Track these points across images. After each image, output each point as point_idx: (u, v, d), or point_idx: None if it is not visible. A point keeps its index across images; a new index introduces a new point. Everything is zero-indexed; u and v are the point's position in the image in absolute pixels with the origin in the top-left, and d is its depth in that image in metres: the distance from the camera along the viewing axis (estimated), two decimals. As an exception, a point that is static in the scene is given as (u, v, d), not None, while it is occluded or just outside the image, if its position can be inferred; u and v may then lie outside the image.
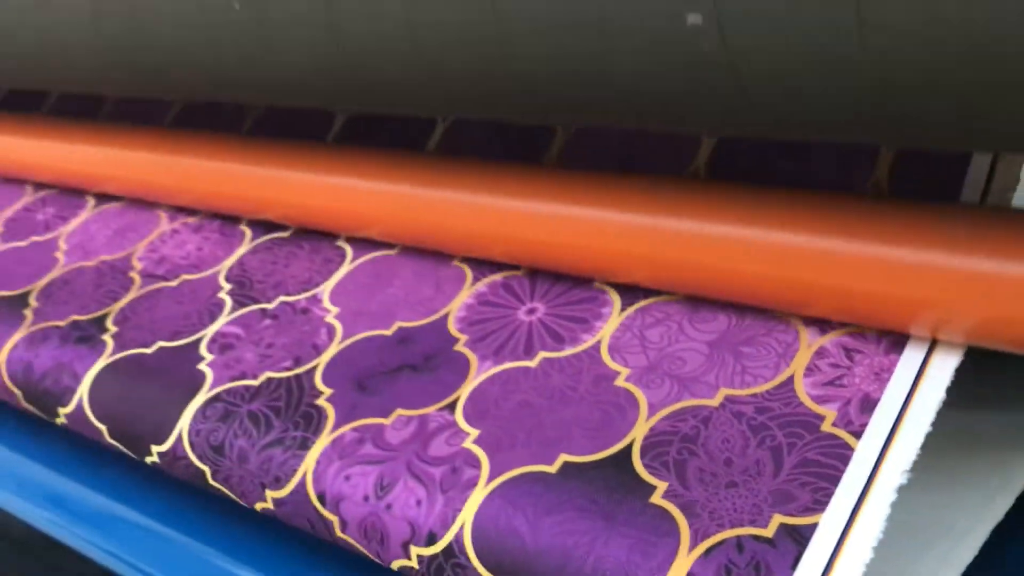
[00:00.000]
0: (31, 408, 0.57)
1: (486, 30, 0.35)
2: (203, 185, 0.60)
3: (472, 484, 0.40)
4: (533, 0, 0.33)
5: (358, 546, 0.42)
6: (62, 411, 0.54)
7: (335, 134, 0.64)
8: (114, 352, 0.55)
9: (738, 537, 0.35)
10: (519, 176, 0.46)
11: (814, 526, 0.35)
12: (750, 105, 0.30)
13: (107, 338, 0.56)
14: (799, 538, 0.35)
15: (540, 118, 0.42)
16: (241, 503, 0.47)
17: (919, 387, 0.38)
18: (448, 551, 0.39)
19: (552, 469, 0.40)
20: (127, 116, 0.74)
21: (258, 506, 0.46)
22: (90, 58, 0.54)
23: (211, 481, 0.48)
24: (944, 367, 0.38)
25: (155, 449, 0.50)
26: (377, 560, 0.42)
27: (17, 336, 0.58)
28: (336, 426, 0.45)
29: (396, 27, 0.36)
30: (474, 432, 0.43)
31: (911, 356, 0.39)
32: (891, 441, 0.37)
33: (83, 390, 0.53)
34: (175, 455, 0.49)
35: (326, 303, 0.54)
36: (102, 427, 0.52)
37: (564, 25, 0.31)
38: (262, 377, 0.50)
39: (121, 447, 0.52)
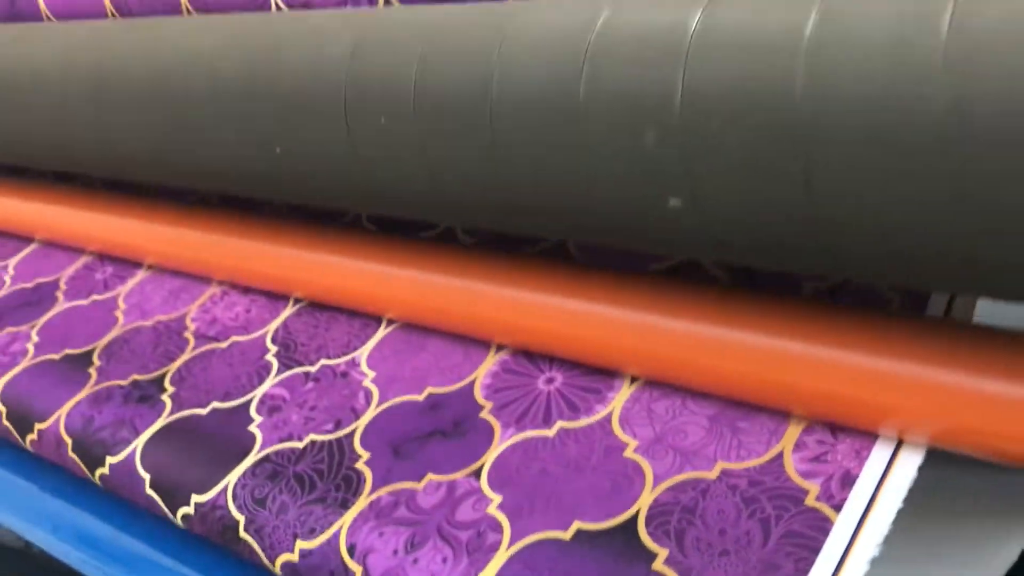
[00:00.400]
0: (74, 457, 0.62)
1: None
2: (252, 264, 0.66)
3: (495, 548, 0.45)
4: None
5: None
6: (109, 460, 0.59)
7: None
8: (172, 412, 0.60)
9: (728, 603, 0.40)
10: (539, 270, 0.51)
11: (795, 594, 0.39)
12: (719, 248, 0.35)
13: (165, 398, 0.61)
14: (782, 605, 0.39)
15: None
16: (262, 556, 0.52)
17: (894, 465, 0.43)
18: None
19: (567, 536, 0.45)
20: (171, 194, 0.79)
21: (281, 559, 0.51)
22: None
23: (242, 532, 0.52)
24: (918, 449, 0.42)
25: (195, 499, 0.55)
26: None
27: (83, 394, 0.64)
28: (373, 489, 0.50)
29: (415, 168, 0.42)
30: (497, 498, 0.48)
31: (888, 437, 0.43)
32: (867, 515, 0.41)
33: (138, 443, 0.59)
34: (214, 505, 0.54)
35: (364, 367, 0.59)
36: (146, 476, 0.57)
37: (561, 204, 0.37)
38: (307, 439, 0.55)
39: (156, 497, 0.57)
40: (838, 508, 0.42)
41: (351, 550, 0.48)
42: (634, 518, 0.45)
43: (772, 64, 0.34)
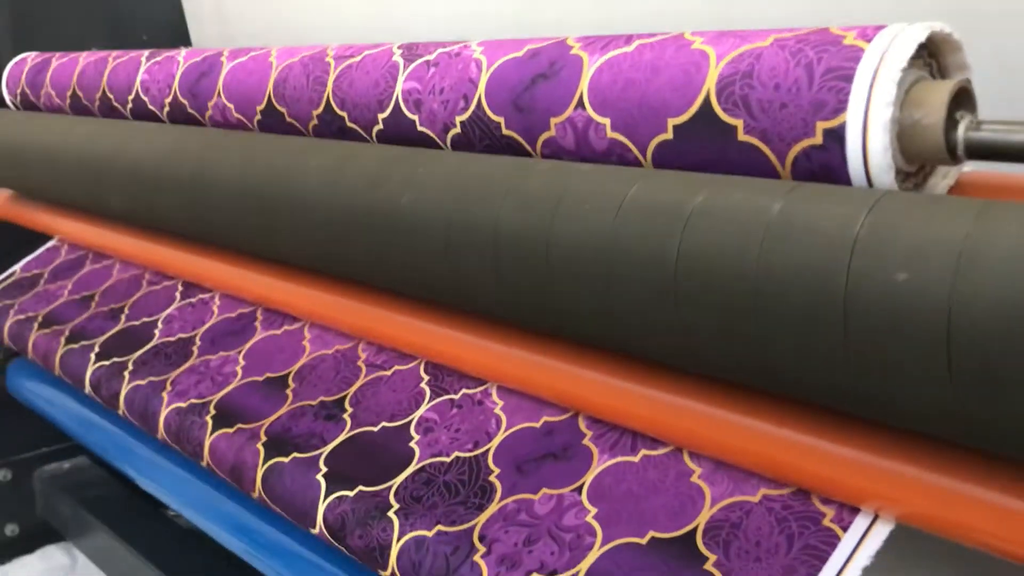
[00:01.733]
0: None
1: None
2: (394, 331, 0.83)
3: (589, 547, 0.61)
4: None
5: (485, 570, 0.64)
6: (296, 455, 0.78)
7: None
8: (351, 428, 0.79)
9: (755, 597, 0.55)
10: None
11: (804, 593, 0.54)
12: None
13: (346, 417, 0.80)
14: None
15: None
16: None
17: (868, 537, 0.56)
18: None
19: (643, 541, 0.61)
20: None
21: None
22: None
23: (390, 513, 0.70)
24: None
25: (362, 489, 0.72)
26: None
27: (282, 411, 0.83)
28: (502, 498, 0.67)
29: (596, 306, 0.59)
30: (593, 510, 0.64)
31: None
32: (865, 536, 0.55)
33: (325, 450, 0.77)
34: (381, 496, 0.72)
35: (495, 397, 0.76)
36: (324, 468, 0.76)
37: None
38: (452, 455, 0.72)
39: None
40: (845, 528, 0.56)
41: (482, 539, 0.65)
42: (694, 530, 0.60)
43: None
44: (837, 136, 0.54)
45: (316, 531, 0.74)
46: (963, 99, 0.54)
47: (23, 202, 1.46)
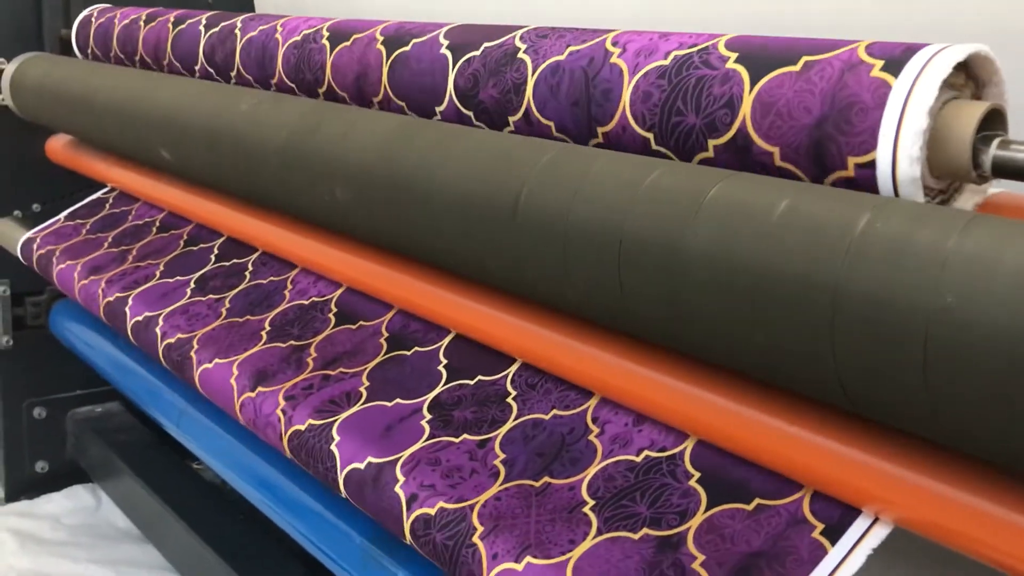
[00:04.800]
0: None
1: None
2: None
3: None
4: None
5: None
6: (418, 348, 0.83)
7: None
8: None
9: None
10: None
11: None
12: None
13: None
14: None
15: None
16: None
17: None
18: None
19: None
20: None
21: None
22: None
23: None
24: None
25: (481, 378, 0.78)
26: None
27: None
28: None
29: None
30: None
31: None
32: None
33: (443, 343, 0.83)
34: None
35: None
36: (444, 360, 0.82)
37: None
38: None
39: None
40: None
41: (595, 420, 0.70)
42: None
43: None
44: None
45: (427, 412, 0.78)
46: (995, 120, 0.55)
47: (82, 148, 1.51)
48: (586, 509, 0.65)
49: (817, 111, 0.58)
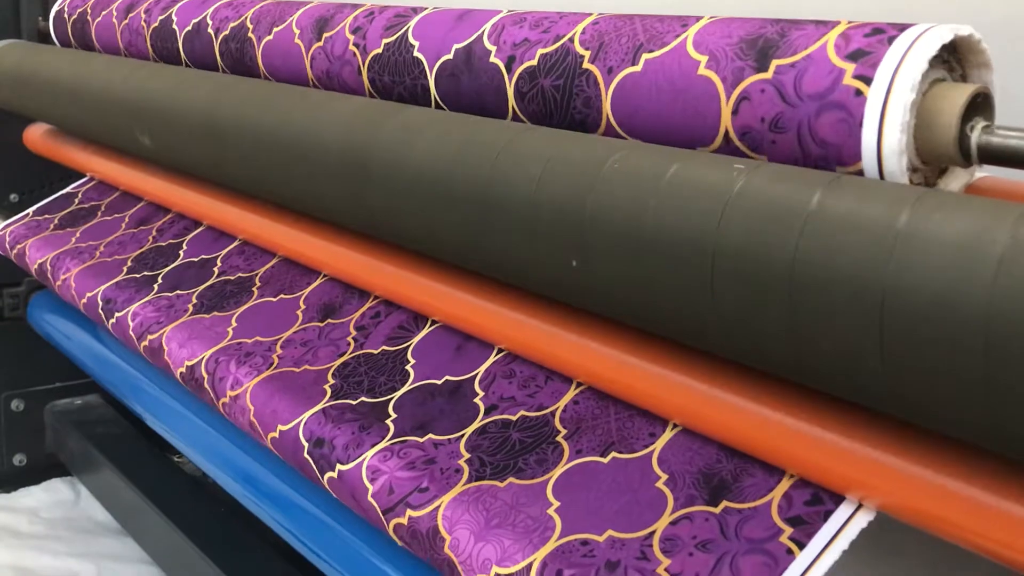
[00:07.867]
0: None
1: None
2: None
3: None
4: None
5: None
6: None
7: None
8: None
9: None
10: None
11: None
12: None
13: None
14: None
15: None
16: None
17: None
18: None
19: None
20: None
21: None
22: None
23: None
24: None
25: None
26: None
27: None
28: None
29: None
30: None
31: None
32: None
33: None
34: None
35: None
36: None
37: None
38: None
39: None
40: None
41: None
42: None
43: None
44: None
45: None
46: (982, 104, 0.55)
47: (60, 137, 1.49)
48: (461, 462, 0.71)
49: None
